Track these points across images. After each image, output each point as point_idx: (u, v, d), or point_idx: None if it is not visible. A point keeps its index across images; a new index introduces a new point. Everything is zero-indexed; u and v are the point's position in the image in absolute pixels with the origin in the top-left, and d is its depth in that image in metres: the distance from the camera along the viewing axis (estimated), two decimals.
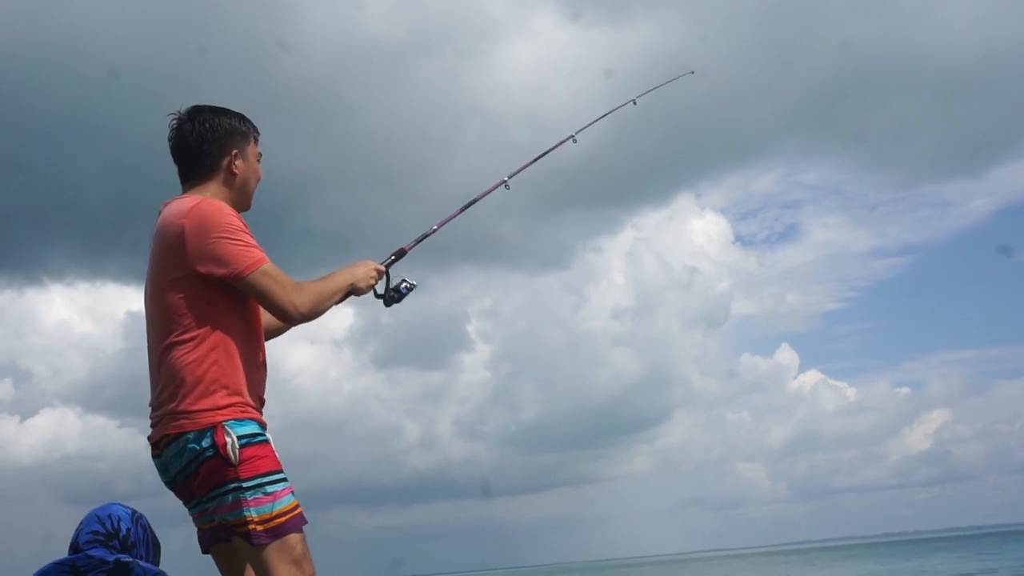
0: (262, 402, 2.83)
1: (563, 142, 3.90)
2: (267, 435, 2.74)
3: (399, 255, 3.28)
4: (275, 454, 2.72)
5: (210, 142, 2.88)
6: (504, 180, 3.68)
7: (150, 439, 2.75)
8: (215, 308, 2.72)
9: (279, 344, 3.19)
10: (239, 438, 2.63)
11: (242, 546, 2.67)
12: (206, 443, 2.62)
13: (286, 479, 2.71)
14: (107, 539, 2.64)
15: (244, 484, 2.62)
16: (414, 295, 3.21)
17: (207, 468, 2.63)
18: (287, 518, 2.66)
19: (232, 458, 2.61)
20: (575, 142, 3.92)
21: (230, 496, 2.63)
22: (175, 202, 2.81)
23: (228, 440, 2.61)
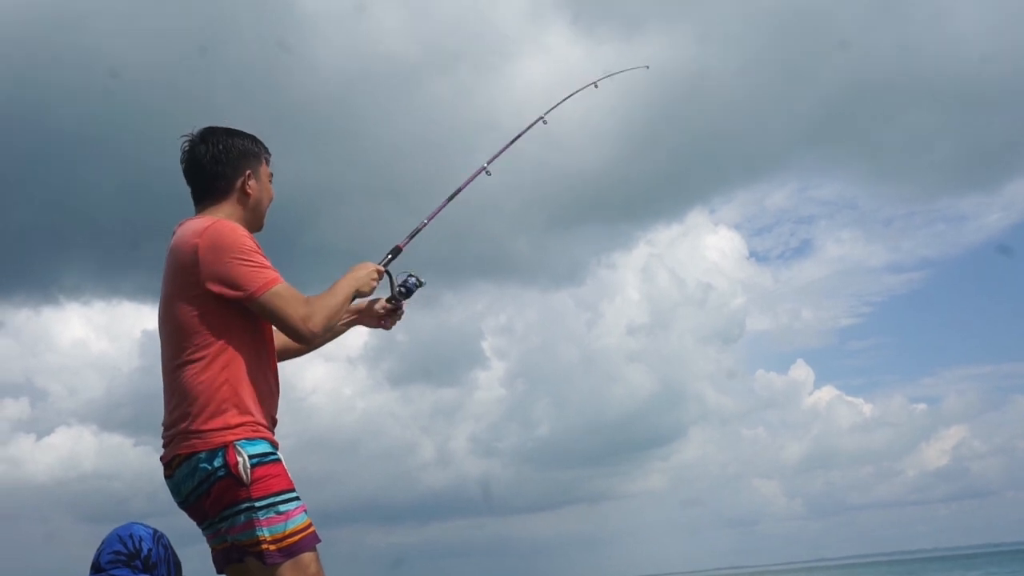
0: (274, 421, 2.82)
1: (533, 124, 4.05)
2: (279, 454, 2.73)
3: (395, 253, 3.30)
4: (287, 473, 2.71)
5: (223, 163, 2.89)
6: (484, 166, 3.72)
7: (162, 459, 2.75)
8: (228, 327, 2.72)
9: (293, 362, 3.20)
10: (251, 457, 2.62)
11: (255, 566, 2.65)
12: (218, 463, 2.61)
13: (299, 498, 2.70)
14: (129, 559, 2.64)
15: (256, 504, 2.61)
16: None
17: (219, 488, 2.62)
18: (300, 537, 2.65)
19: (244, 477, 2.60)
20: (545, 123, 4.08)
21: (242, 516, 2.62)
22: (189, 222, 2.82)
23: (240, 459, 2.60)
